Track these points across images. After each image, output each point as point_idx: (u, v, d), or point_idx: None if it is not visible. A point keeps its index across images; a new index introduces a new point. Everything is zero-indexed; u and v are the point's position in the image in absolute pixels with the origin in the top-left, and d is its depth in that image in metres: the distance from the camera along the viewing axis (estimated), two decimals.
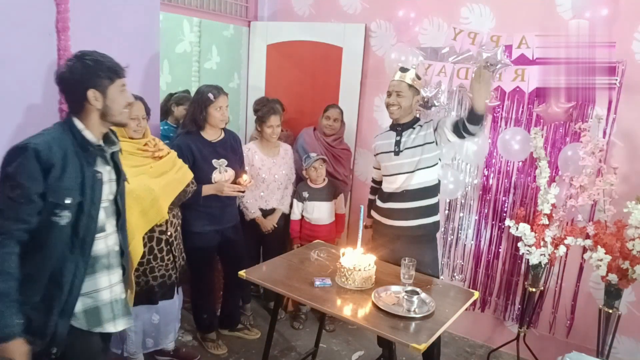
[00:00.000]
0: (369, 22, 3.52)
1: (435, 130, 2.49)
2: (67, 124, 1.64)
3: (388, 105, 2.55)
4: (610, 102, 2.72)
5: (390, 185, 2.61)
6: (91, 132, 1.65)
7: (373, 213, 2.77)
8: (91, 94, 1.61)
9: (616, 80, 2.65)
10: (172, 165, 2.45)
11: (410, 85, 2.50)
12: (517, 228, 2.71)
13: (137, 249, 2.27)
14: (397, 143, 2.55)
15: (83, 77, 1.60)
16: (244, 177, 2.80)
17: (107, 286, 1.72)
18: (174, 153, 2.50)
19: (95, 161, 1.66)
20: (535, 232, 2.69)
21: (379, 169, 2.74)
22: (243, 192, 2.82)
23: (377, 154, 2.67)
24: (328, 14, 3.70)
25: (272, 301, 2.74)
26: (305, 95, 3.86)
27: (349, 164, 3.58)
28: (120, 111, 1.68)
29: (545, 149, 2.78)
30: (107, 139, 1.73)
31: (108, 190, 1.72)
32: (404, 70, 2.54)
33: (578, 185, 2.63)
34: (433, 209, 2.60)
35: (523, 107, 2.98)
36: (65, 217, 1.56)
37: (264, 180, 3.14)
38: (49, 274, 1.57)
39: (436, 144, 2.50)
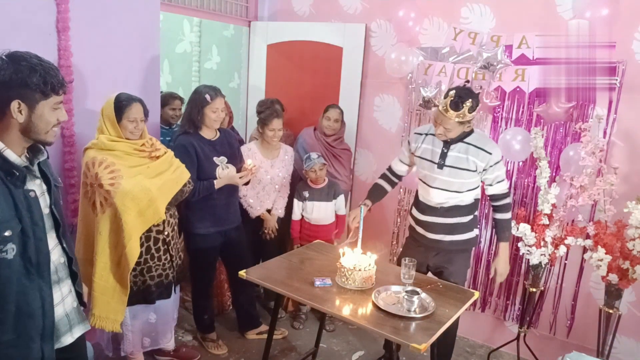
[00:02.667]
0: (369, 22, 3.52)
1: (483, 174, 2.41)
2: None
3: (435, 129, 2.38)
4: (610, 102, 2.72)
5: (426, 196, 2.53)
6: (12, 149, 1.41)
7: (410, 219, 2.70)
8: (15, 105, 1.37)
9: (616, 80, 2.65)
10: (169, 165, 2.44)
11: (461, 122, 2.28)
12: (517, 228, 2.71)
13: (133, 250, 2.27)
14: (443, 155, 2.41)
15: (10, 83, 1.35)
16: (248, 162, 2.83)
17: (59, 301, 1.62)
18: (170, 153, 2.50)
19: (23, 182, 1.44)
20: (536, 232, 2.69)
21: (407, 165, 2.64)
22: (248, 182, 2.87)
23: (418, 157, 2.53)
24: (328, 14, 3.70)
25: (272, 301, 2.73)
26: (306, 95, 3.86)
27: (349, 164, 3.58)
28: (46, 130, 1.44)
29: (545, 149, 2.78)
30: (32, 147, 1.50)
31: (43, 204, 1.52)
32: (455, 107, 2.22)
33: (578, 185, 2.63)
34: (466, 227, 2.53)
35: (523, 107, 2.97)
36: (10, 251, 1.40)
37: (260, 182, 3.14)
38: (15, 310, 1.44)
39: (477, 173, 2.41)
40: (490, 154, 2.36)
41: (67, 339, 1.66)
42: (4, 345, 1.46)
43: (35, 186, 1.50)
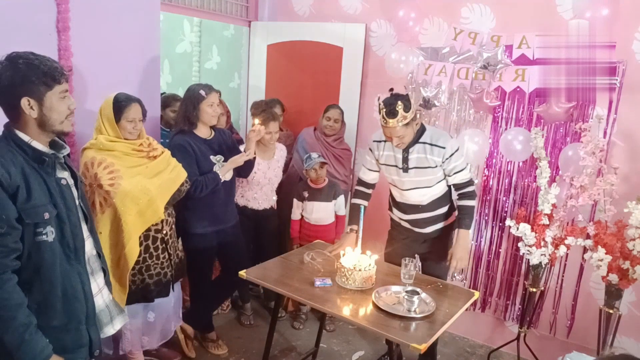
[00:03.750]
0: (369, 22, 3.52)
1: (442, 166, 2.44)
2: (9, 138, 1.49)
3: (393, 144, 2.40)
4: (610, 102, 2.72)
5: (403, 198, 2.60)
6: (37, 141, 1.52)
7: (393, 216, 2.74)
8: (25, 102, 1.46)
9: (616, 80, 2.65)
10: (167, 165, 2.46)
11: (406, 124, 2.30)
12: (517, 228, 2.71)
13: (133, 250, 2.28)
14: (405, 160, 2.46)
15: (14, 83, 1.44)
16: (255, 121, 2.87)
17: (97, 291, 1.70)
18: (167, 152, 2.51)
19: (54, 169, 1.55)
20: (536, 232, 2.69)
21: (377, 172, 2.68)
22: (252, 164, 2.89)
23: (382, 164, 2.59)
24: (328, 14, 3.70)
25: (272, 301, 2.73)
26: (306, 95, 3.86)
27: (349, 164, 3.58)
28: (61, 120, 1.53)
29: (545, 149, 2.78)
30: (55, 143, 1.60)
31: (74, 195, 1.63)
32: (391, 116, 2.26)
33: (578, 185, 2.63)
34: (447, 214, 2.63)
35: (523, 107, 2.97)
36: (50, 233, 1.49)
37: (258, 183, 3.14)
38: (62, 293, 1.54)
39: (438, 167, 2.46)
40: (444, 147, 2.40)
41: (109, 330, 1.75)
42: (55, 330, 1.53)
43: (65, 177, 1.60)
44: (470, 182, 2.51)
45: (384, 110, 2.28)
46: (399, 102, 2.25)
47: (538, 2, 2.87)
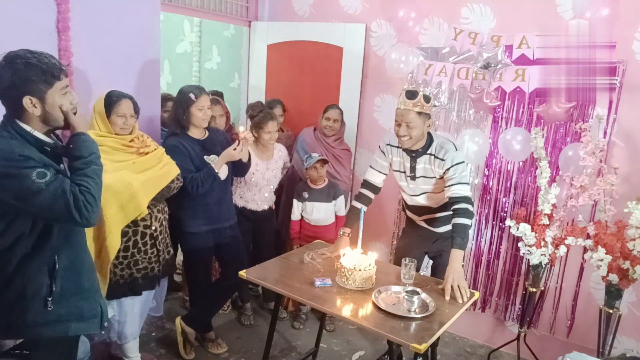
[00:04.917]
0: (369, 22, 3.52)
1: (444, 177, 2.42)
2: (11, 127, 1.50)
3: (397, 135, 2.37)
4: (610, 102, 2.72)
5: (412, 200, 2.64)
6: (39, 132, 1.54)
7: (408, 214, 2.77)
8: (27, 101, 1.46)
9: (617, 80, 2.65)
10: (157, 162, 2.47)
11: (419, 113, 2.30)
12: (517, 228, 2.71)
13: (114, 242, 2.32)
14: (412, 169, 2.49)
15: (15, 83, 1.44)
16: (241, 129, 2.80)
17: None
18: (161, 149, 2.52)
19: (53, 160, 1.56)
20: (536, 232, 2.69)
21: (386, 175, 2.65)
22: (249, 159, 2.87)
23: (393, 170, 2.60)
24: (328, 14, 3.70)
25: (271, 301, 2.72)
26: (306, 95, 3.86)
27: (349, 164, 3.58)
28: (63, 116, 1.56)
29: (545, 149, 2.78)
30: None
31: None
32: (411, 96, 2.28)
33: (579, 185, 2.63)
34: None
35: (523, 107, 2.98)
36: None
37: (256, 184, 3.14)
38: (86, 260, 1.66)
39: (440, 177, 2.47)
40: (443, 160, 2.39)
41: None
42: (77, 296, 1.61)
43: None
44: (465, 199, 2.35)
45: (405, 91, 2.31)
46: (422, 91, 2.32)
47: (538, 2, 2.87)
